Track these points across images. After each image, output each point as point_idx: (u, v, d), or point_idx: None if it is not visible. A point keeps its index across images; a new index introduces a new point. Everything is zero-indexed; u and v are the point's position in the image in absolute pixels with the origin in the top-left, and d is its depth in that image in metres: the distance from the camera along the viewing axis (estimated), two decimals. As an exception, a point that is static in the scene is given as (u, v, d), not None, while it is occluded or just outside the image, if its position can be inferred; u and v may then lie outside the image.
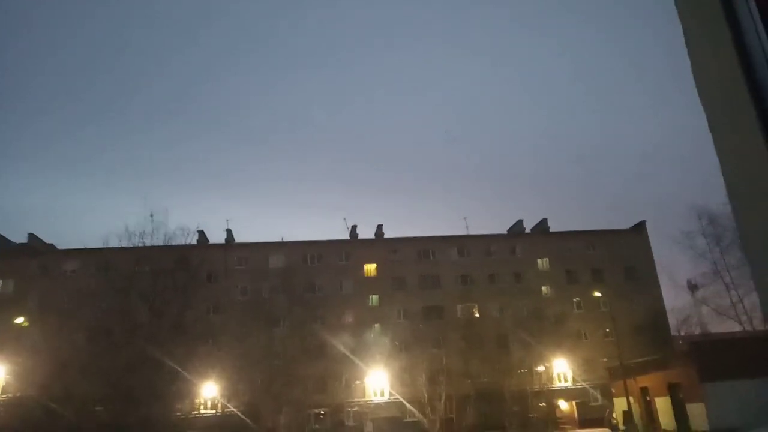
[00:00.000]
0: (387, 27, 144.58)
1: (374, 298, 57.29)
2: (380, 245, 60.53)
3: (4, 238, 56.95)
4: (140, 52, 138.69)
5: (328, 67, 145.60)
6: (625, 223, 64.72)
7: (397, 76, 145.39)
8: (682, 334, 58.56)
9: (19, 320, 45.61)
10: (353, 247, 60.03)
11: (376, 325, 55.74)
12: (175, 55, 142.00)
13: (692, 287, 51.15)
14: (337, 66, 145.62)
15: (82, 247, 51.26)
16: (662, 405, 38.51)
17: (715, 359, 32.70)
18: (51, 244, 58.74)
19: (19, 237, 57.65)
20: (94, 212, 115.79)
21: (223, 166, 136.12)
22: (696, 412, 33.98)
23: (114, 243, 41.70)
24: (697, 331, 57.15)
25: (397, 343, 53.59)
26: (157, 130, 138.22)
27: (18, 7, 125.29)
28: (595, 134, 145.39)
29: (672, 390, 37.37)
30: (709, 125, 1.55)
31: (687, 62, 1.62)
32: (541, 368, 54.01)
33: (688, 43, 1.50)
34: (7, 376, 44.72)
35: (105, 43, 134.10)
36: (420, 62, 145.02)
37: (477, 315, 57.07)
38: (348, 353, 49.66)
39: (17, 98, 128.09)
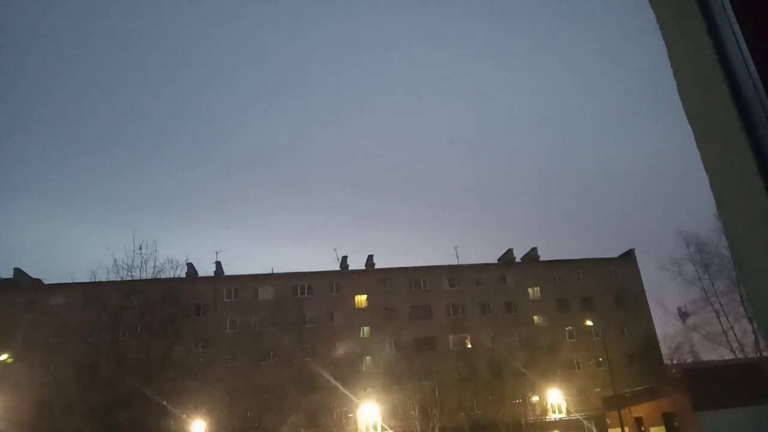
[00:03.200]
0: (377, 55, 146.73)
1: (365, 330, 56.86)
2: (371, 276, 60.35)
3: (-10, 273, 56.26)
4: (126, 85, 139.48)
5: (318, 97, 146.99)
6: (614, 251, 65.07)
7: (386, 105, 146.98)
8: (675, 362, 58.56)
9: (2, 357, 44.70)
10: (344, 278, 59.78)
11: (368, 357, 55.20)
12: (162, 86, 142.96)
13: (683, 314, 51.40)
14: (327, 97, 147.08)
15: (70, 281, 50.65)
16: (657, 435, 38.19)
17: (709, 387, 32.62)
18: (38, 279, 58.04)
19: (4, 272, 56.99)
20: (82, 246, 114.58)
21: (212, 196, 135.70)
22: (691, 441, 33.72)
23: (102, 276, 41.31)
24: (690, 359, 57.20)
25: (389, 375, 52.99)
26: (145, 161, 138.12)
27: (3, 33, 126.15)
28: (583, 162, 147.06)
29: (667, 419, 37.14)
30: (695, 139, 1.62)
31: (673, 85, 1.69)
32: (535, 399, 53.54)
33: (670, 57, 1.57)
34: (-9, 415, 43.63)
35: (90, 77, 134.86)
36: (410, 91, 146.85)
37: (469, 345, 56.71)
38: (339, 386, 48.98)
39: (3, 130, 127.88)
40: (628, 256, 63.16)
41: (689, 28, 1.51)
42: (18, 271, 57.11)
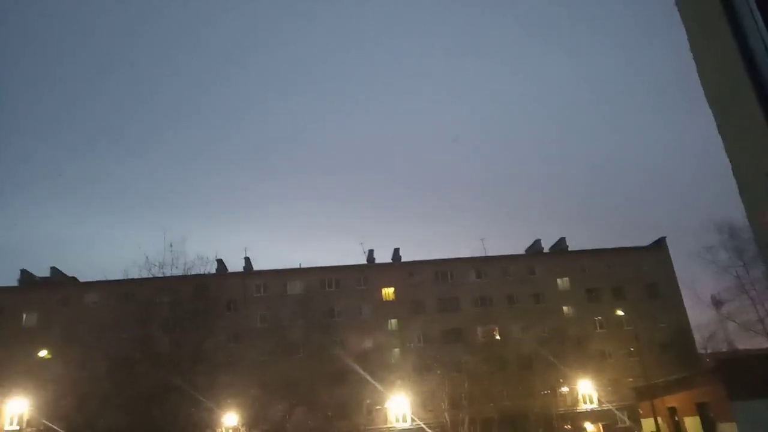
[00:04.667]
0: (400, 47, 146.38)
1: (393, 322, 57.03)
2: (398, 269, 60.45)
3: (28, 272, 57.91)
4: (163, 87, 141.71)
5: (345, 89, 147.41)
6: (644, 240, 64.05)
7: (412, 97, 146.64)
8: (709, 351, 57.29)
9: (43, 353, 46.05)
10: (371, 272, 60.00)
11: (396, 350, 55.40)
12: (192, 88, 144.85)
13: (717, 303, 50.14)
14: (354, 92, 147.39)
15: (104, 279, 51.90)
16: (692, 425, 37.53)
17: (745, 376, 31.87)
18: (73, 277, 59.56)
19: (42, 271, 58.65)
20: (115, 244, 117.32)
21: (240, 193, 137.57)
22: (727, 431, 33.07)
23: (134, 274, 42.12)
24: (724, 348, 55.88)
25: (417, 367, 53.15)
26: (176, 162, 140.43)
27: (23, 28, 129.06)
28: (610, 150, 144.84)
29: (701, 409, 36.44)
30: (717, 128, 1.62)
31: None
32: (565, 390, 53.13)
33: (692, 48, 1.57)
34: (31, 409, 45.02)
35: (127, 86, 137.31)
36: (436, 82, 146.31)
37: (497, 337, 56.48)
38: (369, 378, 49.26)
39: (45, 132, 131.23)
40: (659, 244, 62.11)
41: (710, 17, 1.51)
42: (54, 270, 58.66)
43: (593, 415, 53.14)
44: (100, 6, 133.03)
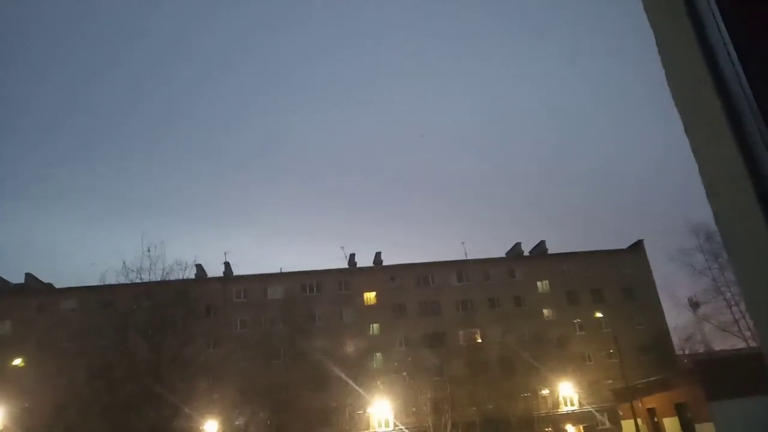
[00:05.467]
0: (381, 49, 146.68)
1: (375, 327, 56.95)
2: (379, 273, 60.42)
3: (2, 278, 56.80)
4: (129, 82, 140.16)
5: (324, 95, 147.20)
6: (622, 243, 64.78)
7: (393, 101, 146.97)
8: (686, 352, 58.23)
9: (17, 361, 45.17)
10: (352, 276, 59.88)
11: (378, 354, 55.30)
12: (166, 83, 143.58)
13: (693, 305, 51.06)
14: (333, 95, 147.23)
15: (80, 285, 51.09)
16: (671, 426, 38.02)
17: (722, 377, 32.38)
18: (49, 284, 58.57)
19: (16, 277, 57.50)
20: (92, 250, 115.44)
21: (220, 197, 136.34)
22: (705, 431, 33.54)
23: (112, 280, 41.57)
24: (701, 349, 56.84)
25: (399, 372, 53.10)
26: (151, 162, 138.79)
27: (11, 31, 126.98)
28: (590, 154, 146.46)
29: (680, 410, 36.94)
30: (684, 128, 1.63)
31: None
32: (546, 392, 53.48)
33: (659, 48, 1.59)
34: (5, 419, 44.05)
35: (94, 76, 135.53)
36: (419, 84, 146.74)
37: (479, 340, 56.71)
38: (351, 383, 49.09)
39: (9, 133, 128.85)
40: (637, 247, 62.88)
41: (679, 30, 1.53)
42: (30, 276, 57.63)
43: (574, 417, 53.56)
44: (85, 12, 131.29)
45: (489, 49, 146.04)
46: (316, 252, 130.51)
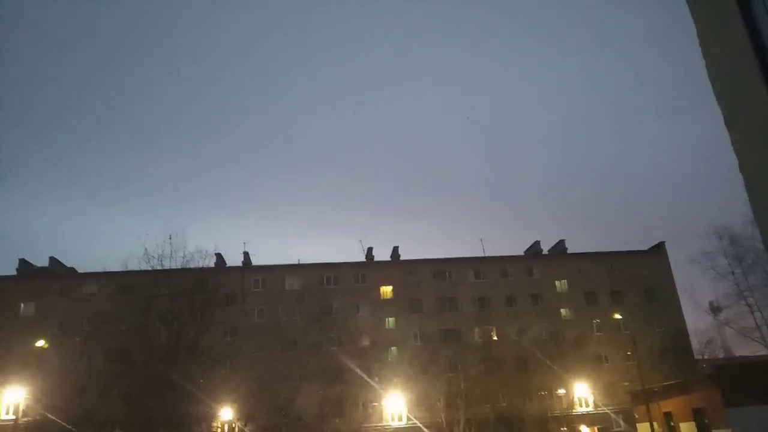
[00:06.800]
0: (402, 46, 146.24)
1: (391, 321, 56.98)
2: (396, 267, 60.39)
3: (27, 261, 57.86)
4: (164, 81, 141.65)
5: (347, 86, 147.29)
6: (643, 244, 63.95)
7: (414, 96, 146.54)
8: (706, 357, 57.32)
9: (40, 343, 46.06)
10: (369, 269, 59.93)
11: (393, 348, 55.37)
12: (189, 69, 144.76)
13: (714, 309, 50.10)
14: (358, 85, 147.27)
15: (102, 270, 51.89)
16: (687, 431, 37.59)
17: (741, 383, 31.89)
18: (72, 268, 59.51)
19: (40, 261, 58.55)
20: (115, 236, 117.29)
21: (241, 188, 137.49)
22: (722, 437, 33.06)
23: (133, 266, 42.15)
24: (721, 354, 55.89)
25: (414, 366, 53.14)
26: (176, 155, 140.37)
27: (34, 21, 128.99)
28: (612, 153, 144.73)
29: (697, 415, 36.49)
30: (725, 121, 1.61)
31: (703, 74, 1.67)
32: (561, 392, 53.15)
33: (701, 43, 1.56)
34: (28, 399, 45.03)
35: (130, 80, 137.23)
36: (439, 81, 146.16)
37: (495, 338, 56.46)
38: (365, 376, 49.27)
39: (47, 125, 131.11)
40: (658, 249, 62.04)
41: (722, 12, 1.50)
42: (53, 260, 58.60)
43: (589, 419, 53.14)
44: (100, 2, 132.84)
45: (514, 46, 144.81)
46: (333, 244, 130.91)
